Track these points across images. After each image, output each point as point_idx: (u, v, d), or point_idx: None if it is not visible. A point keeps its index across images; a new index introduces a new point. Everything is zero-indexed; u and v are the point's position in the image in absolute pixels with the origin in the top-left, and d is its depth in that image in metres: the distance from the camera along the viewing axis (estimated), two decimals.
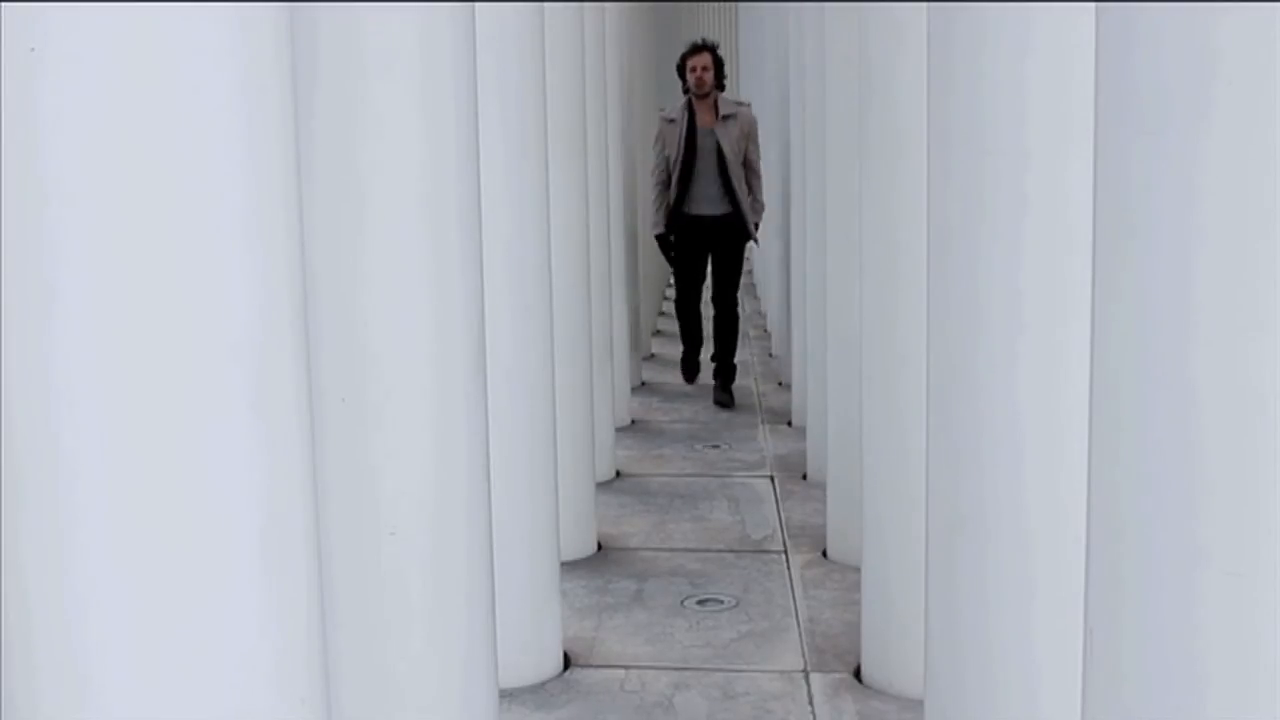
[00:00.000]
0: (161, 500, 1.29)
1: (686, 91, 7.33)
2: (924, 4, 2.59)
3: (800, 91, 6.68)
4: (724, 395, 7.62)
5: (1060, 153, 2.19)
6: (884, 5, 3.54)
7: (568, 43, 4.83)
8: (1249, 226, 1.14)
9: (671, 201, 7.32)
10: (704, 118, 7.24)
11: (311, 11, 2.05)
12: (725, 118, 7.21)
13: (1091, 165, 1.34)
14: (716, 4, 15.71)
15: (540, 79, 3.70)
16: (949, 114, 2.37)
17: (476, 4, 2.44)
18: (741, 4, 13.13)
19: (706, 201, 7.24)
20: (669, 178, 7.31)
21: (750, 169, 7.23)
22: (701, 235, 7.33)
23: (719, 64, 7.34)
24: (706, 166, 7.18)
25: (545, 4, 3.95)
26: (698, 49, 7.37)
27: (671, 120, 7.35)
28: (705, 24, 16.23)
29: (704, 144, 7.17)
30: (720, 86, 7.32)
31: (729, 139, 7.16)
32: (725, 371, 7.70)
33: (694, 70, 7.27)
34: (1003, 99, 2.26)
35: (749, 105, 7.55)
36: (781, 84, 8.11)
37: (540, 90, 3.70)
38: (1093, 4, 1.36)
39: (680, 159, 7.17)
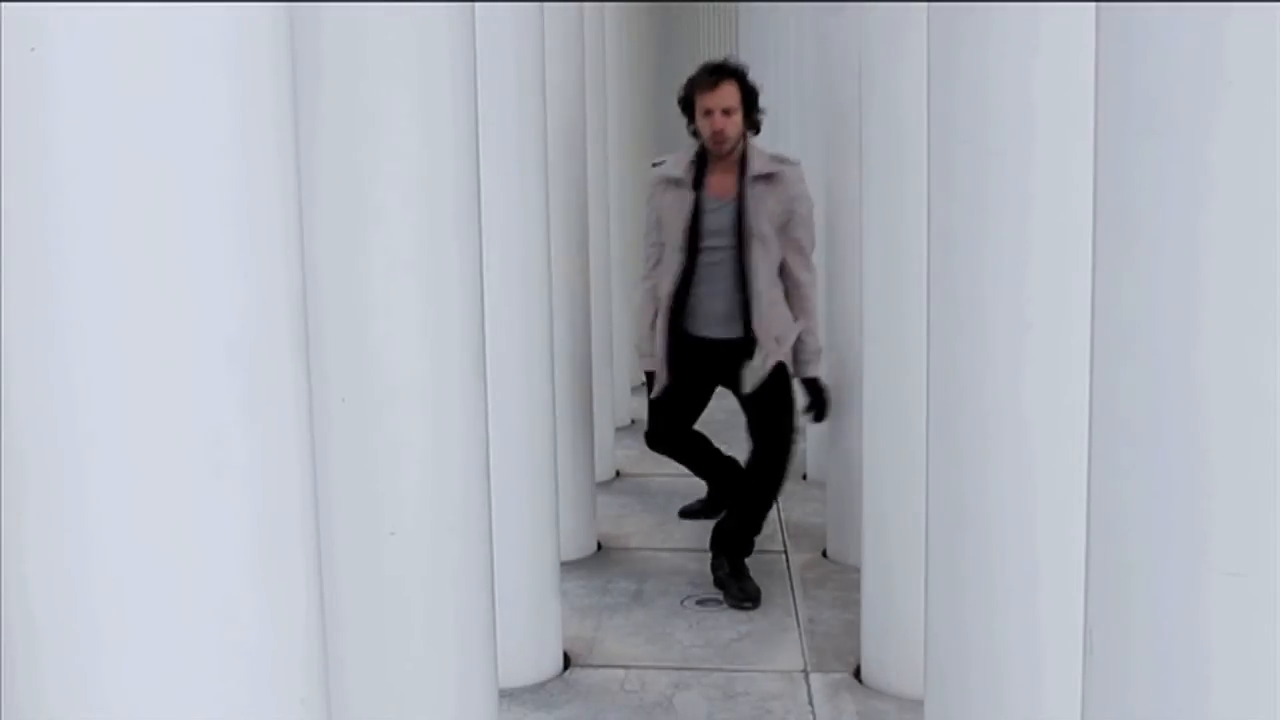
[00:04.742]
0: (160, 501, 1.29)
1: (696, 136, 4.37)
2: (924, 3, 2.59)
3: (800, 91, 6.68)
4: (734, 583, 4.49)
5: (1064, 151, 2.18)
6: (884, 5, 3.54)
7: (567, 43, 4.82)
8: (1253, 227, 1.14)
9: (663, 315, 4.37)
10: (720, 183, 4.30)
11: (314, 12, 2.05)
12: (759, 179, 4.25)
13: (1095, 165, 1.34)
14: (716, 4, 15.70)
15: (540, 79, 3.70)
16: (952, 113, 2.37)
17: (476, 4, 2.44)
18: (741, 4, 13.12)
19: (714, 320, 4.37)
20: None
21: (793, 271, 4.31)
22: (710, 363, 4.43)
23: (750, 98, 4.31)
24: (718, 261, 4.30)
25: (545, 4, 3.95)
26: (715, 75, 4.30)
27: (673, 181, 4.35)
28: (705, 24, 16.22)
29: (715, 223, 4.29)
30: (753, 128, 4.35)
31: (760, 213, 4.22)
32: (732, 540, 4.57)
33: (709, 114, 4.23)
34: (1007, 97, 2.25)
35: (798, 164, 4.38)
36: (781, 84, 8.08)
37: (540, 90, 3.70)
38: (1094, 2, 1.35)
39: (683, 246, 4.29)
